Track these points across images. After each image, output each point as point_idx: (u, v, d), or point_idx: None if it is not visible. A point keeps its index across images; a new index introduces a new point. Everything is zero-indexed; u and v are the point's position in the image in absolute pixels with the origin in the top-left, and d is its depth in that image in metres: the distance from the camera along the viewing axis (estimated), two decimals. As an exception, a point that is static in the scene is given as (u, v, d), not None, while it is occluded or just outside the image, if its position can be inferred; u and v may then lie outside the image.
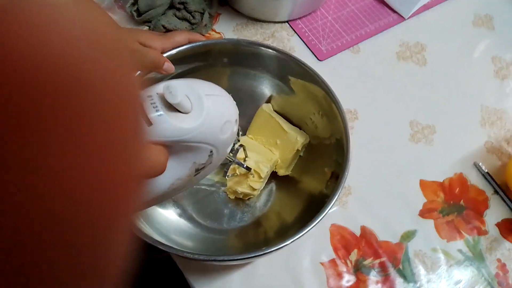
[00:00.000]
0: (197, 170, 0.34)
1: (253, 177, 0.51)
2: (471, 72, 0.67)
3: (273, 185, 0.55)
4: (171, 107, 0.29)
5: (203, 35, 0.66)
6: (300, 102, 0.53)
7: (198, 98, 0.31)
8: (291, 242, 0.40)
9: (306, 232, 0.40)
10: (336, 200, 0.42)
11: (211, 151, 0.33)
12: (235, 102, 0.36)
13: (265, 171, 0.51)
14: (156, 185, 0.32)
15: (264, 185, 0.54)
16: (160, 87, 0.29)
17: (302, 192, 0.52)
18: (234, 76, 0.53)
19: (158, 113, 0.29)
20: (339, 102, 0.48)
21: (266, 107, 0.54)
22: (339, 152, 0.47)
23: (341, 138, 0.47)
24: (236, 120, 0.35)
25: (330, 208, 0.42)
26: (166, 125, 0.29)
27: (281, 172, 0.54)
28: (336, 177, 0.46)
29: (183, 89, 0.29)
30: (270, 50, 0.51)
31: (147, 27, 0.67)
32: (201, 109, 0.30)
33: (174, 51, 0.48)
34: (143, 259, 0.61)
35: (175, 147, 0.31)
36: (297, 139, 0.52)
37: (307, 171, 0.54)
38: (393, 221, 0.54)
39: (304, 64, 0.49)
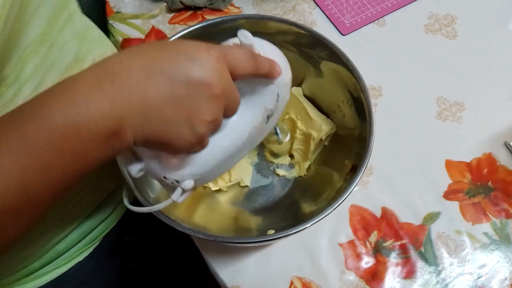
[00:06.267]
0: (268, 117, 0.37)
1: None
2: (505, 45, 0.62)
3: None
4: None
5: (221, 10, 0.65)
6: (330, 87, 0.51)
7: (261, 45, 0.35)
8: (301, 229, 0.39)
9: (315, 223, 0.39)
10: (350, 193, 0.41)
11: (278, 94, 0.36)
12: None
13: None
14: (236, 135, 0.35)
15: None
16: (235, 39, 0.33)
17: (321, 181, 0.50)
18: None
19: None
20: (367, 92, 0.45)
21: (295, 90, 0.53)
22: (362, 144, 0.44)
23: (365, 131, 0.44)
24: (289, 67, 0.38)
25: (342, 201, 0.40)
26: None
27: (296, 171, 0.53)
28: (355, 170, 0.43)
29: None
30: (303, 31, 0.48)
31: (166, 3, 0.66)
32: (266, 52, 0.34)
33: (200, 25, 0.47)
34: (164, 237, 0.61)
35: (246, 89, 0.34)
36: (322, 127, 0.50)
37: (328, 162, 0.52)
38: (416, 202, 0.52)
39: (336, 47, 0.47)
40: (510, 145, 0.55)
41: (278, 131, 0.52)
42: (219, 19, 0.48)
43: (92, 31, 0.45)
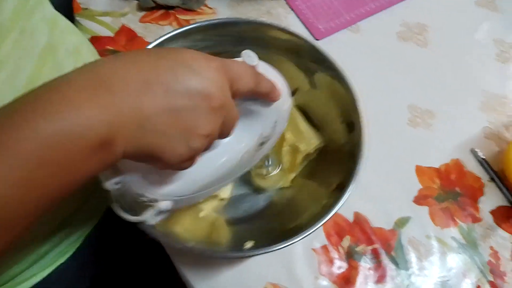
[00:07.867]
0: (262, 144, 0.36)
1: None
2: (472, 55, 0.65)
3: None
4: None
5: (194, 10, 0.63)
6: (323, 100, 0.50)
7: (264, 68, 0.34)
8: (282, 247, 0.39)
9: (297, 241, 0.39)
10: (334, 213, 0.40)
11: (275, 122, 0.36)
12: None
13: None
14: (228, 158, 0.34)
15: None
16: (239, 58, 0.32)
17: (306, 195, 0.50)
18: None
19: None
20: (361, 110, 0.44)
21: None
22: (350, 161, 0.44)
23: (354, 147, 0.44)
24: (290, 94, 0.37)
25: (327, 220, 0.40)
26: None
27: (281, 183, 0.52)
28: (341, 188, 0.42)
29: None
30: (302, 41, 0.47)
31: (137, 1, 0.64)
32: (268, 76, 0.33)
33: (190, 26, 0.45)
34: (133, 240, 0.59)
35: (244, 112, 0.33)
36: (311, 141, 0.49)
37: (315, 175, 0.51)
38: (388, 207, 0.53)
39: (334, 61, 0.46)
40: (476, 152, 0.57)
41: (269, 162, 0.51)
42: (218, 21, 0.47)
43: (62, 20, 0.43)
